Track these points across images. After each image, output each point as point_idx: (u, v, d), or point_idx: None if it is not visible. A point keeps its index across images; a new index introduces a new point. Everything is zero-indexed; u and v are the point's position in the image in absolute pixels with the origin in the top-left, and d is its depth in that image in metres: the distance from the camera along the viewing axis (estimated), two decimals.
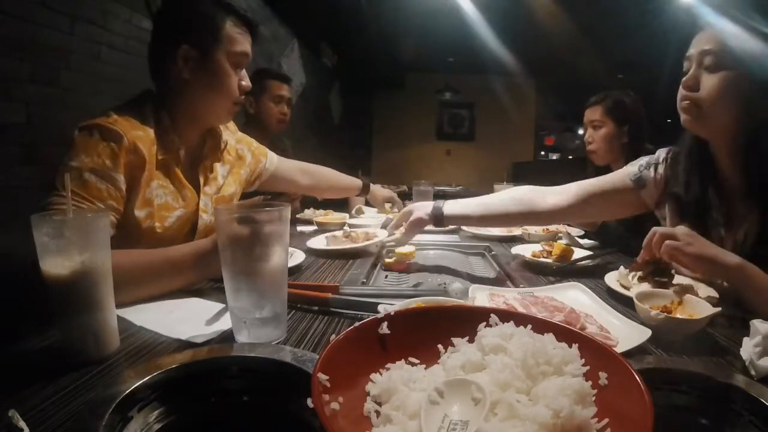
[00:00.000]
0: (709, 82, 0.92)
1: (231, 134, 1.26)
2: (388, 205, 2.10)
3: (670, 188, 1.08)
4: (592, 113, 1.78)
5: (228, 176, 1.21)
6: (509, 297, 0.81)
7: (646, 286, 0.89)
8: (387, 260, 1.19)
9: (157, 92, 1.05)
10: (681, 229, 0.87)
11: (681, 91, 0.97)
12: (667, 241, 0.85)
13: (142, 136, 0.95)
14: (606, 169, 1.79)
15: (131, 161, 0.92)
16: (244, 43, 1.03)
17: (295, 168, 1.52)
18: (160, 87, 1.05)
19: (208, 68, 1.00)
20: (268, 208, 0.63)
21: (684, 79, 0.96)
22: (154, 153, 0.98)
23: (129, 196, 0.94)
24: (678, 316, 0.73)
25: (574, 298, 0.86)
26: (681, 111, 0.98)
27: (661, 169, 1.12)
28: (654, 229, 0.89)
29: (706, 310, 0.72)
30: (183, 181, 1.06)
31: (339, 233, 1.35)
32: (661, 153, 1.15)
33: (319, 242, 1.32)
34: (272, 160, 1.42)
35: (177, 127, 1.04)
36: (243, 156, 1.29)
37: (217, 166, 1.17)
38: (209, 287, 0.90)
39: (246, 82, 1.07)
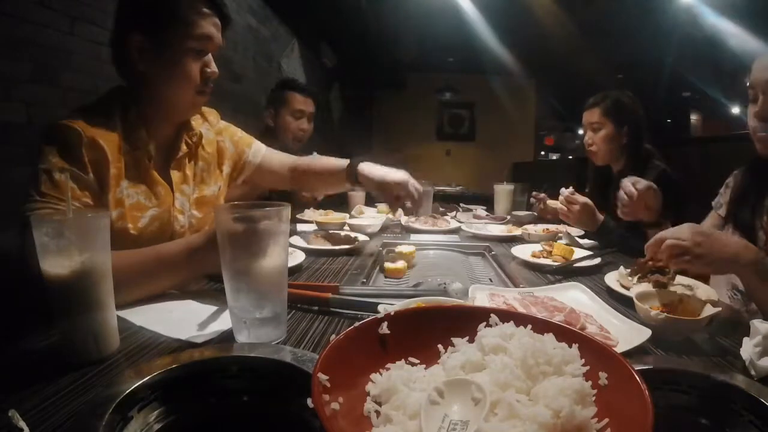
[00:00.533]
0: None
1: (210, 126, 1.17)
2: (383, 205, 2.08)
3: (732, 194, 1.14)
4: (591, 115, 1.76)
5: (208, 174, 1.14)
6: (509, 297, 0.81)
7: (646, 286, 0.89)
8: (387, 264, 1.17)
9: (126, 86, 1.00)
10: (687, 236, 0.81)
11: (754, 121, 0.97)
12: (678, 258, 0.81)
13: (103, 133, 0.91)
14: (606, 169, 1.80)
15: (93, 158, 0.89)
16: (204, 26, 0.95)
17: (283, 164, 1.33)
18: (127, 80, 1.00)
19: (162, 57, 0.94)
20: (267, 208, 0.63)
21: (757, 110, 0.96)
22: (122, 150, 0.94)
23: (99, 196, 0.91)
24: (678, 316, 0.73)
25: (574, 298, 0.86)
26: (757, 142, 0.99)
27: (731, 184, 1.17)
28: (659, 236, 0.84)
29: (706, 310, 0.72)
30: (155, 178, 1.00)
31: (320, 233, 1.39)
32: (734, 172, 1.20)
33: (296, 240, 1.35)
34: (257, 152, 1.28)
35: (146, 122, 0.99)
36: (224, 149, 1.19)
37: (194, 164, 1.11)
38: (209, 288, 0.90)
39: (211, 69, 0.99)
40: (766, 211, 1.04)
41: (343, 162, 1.26)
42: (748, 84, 0.98)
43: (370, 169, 1.23)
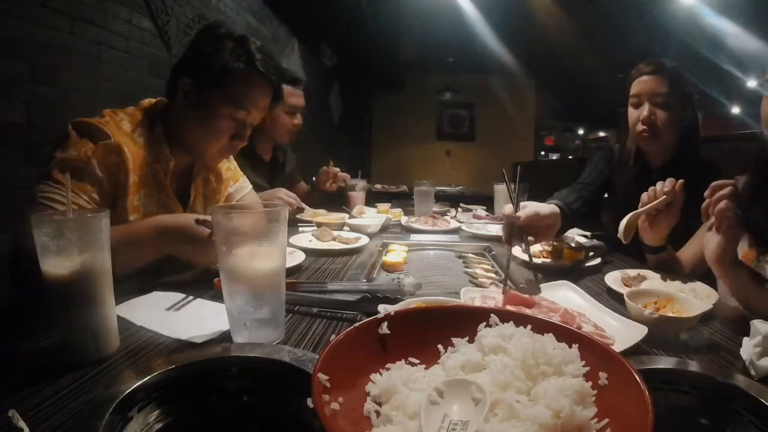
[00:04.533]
0: None
1: None
2: (386, 206, 2.10)
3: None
4: (655, 84, 1.29)
5: (214, 194, 1.22)
6: (500, 299, 0.79)
7: (646, 285, 0.89)
8: (385, 258, 1.19)
9: (164, 106, 1.06)
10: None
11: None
12: (725, 202, 0.83)
13: (130, 141, 0.96)
14: (643, 167, 1.41)
15: (114, 162, 0.93)
16: (248, 98, 1.00)
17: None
18: (169, 103, 1.06)
19: (200, 108, 1.00)
20: (266, 209, 0.63)
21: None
22: (143, 161, 0.98)
23: (117, 200, 0.95)
24: (669, 314, 0.73)
25: (565, 297, 0.85)
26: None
27: None
28: (729, 182, 0.85)
29: (696, 307, 0.72)
30: (170, 194, 1.06)
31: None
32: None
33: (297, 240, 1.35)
34: (241, 189, 1.33)
35: (170, 142, 1.04)
36: (226, 174, 1.28)
37: (205, 184, 1.18)
38: (209, 287, 0.90)
39: (240, 140, 1.05)
40: None
41: None
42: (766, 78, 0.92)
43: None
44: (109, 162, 0.92)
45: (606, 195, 1.46)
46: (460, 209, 2.25)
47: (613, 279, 0.98)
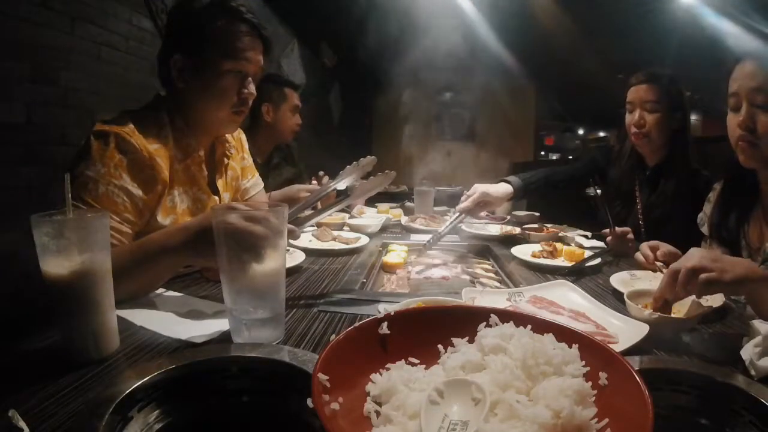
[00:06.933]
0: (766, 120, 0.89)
1: (232, 138, 1.26)
2: (386, 206, 2.10)
3: (715, 207, 1.11)
4: (647, 93, 1.48)
5: (234, 183, 1.23)
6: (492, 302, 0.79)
7: (638, 285, 0.89)
8: (385, 259, 1.19)
9: (169, 97, 1.04)
10: (702, 257, 0.71)
11: (736, 131, 0.93)
12: (703, 275, 0.68)
13: (158, 148, 0.95)
14: (638, 166, 1.59)
15: (148, 176, 0.92)
16: (241, 49, 0.99)
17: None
18: (170, 93, 1.04)
19: (199, 76, 0.98)
20: (266, 208, 0.63)
21: (741, 120, 0.92)
22: (173, 160, 0.98)
23: (143, 212, 0.93)
24: (669, 315, 0.73)
25: (565, 297, 0.85)
26: (740, 152, 0.95)
27: (713, 199, 1.15)
28: (672, 269, 0.72)
29: (695, 308, 0.72)
30: (204, 187, 1.07)
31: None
32: (714, 186, 1.17)
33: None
34: (255, 186, 1.36)
35: (192, 132, 1.04)
36: (243, 165, 1.31)
37: (226, 173, 1.19)
38: (209, 287, 0.90)
39: (249, 90, 1.03)
40: (749, 222, 1.01)
41: None
42: (729, 92, 0.94)
43: None
44: (145, 176, 0.91)
45: (598, 191, 1.53)
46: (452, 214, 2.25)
47: (617, 280, 0.96)
